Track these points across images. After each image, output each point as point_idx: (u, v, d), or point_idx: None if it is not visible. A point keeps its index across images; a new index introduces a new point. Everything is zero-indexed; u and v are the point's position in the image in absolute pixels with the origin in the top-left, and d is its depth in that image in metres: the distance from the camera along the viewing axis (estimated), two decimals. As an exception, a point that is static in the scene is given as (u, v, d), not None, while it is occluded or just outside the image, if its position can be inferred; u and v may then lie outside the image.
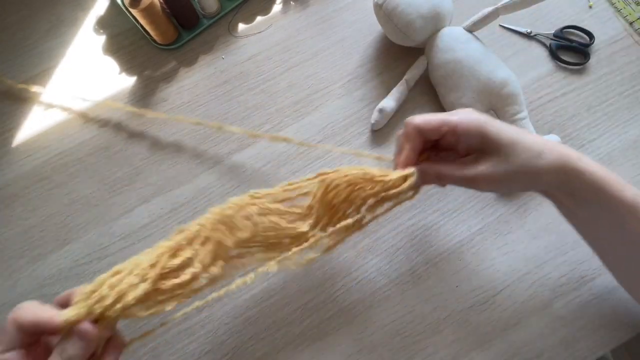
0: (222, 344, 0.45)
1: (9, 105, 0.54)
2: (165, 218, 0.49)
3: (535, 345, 0.43)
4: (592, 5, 0.56)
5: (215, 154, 0.52)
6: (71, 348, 0.28)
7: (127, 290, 0.30)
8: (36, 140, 0.53)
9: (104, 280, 0.30)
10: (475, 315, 0.45)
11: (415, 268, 0.46)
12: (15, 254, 0.48)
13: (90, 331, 0.28)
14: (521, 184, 0.35)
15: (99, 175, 0.51)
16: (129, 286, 0.30)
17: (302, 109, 0.53)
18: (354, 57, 0.55)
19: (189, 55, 0.56)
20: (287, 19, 0.57)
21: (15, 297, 0.47)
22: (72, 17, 0.58)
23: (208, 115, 0.53)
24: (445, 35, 0.49)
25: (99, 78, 0.55)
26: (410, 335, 0.44)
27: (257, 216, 0.36)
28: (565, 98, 0.52)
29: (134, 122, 0.53)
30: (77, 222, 0.49)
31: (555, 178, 0.34)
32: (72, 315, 0.28)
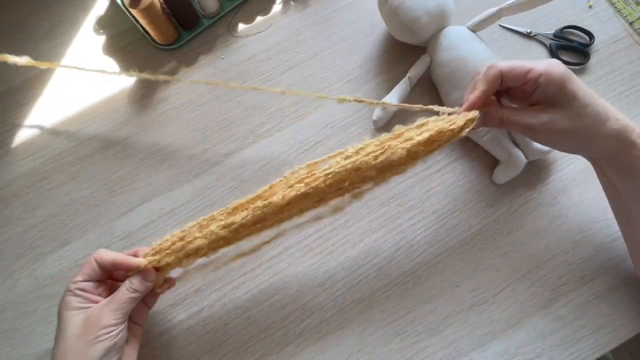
0: (222, 344, 0.45)
1: (9, 106, 0.54)
2: (165, 218, 0.49)
3: (535, 345, 0.43)
4: (592, 5, 0.56)
5: (215, 154, 0.52)
6: (137, 284, 0.37)
7: (186, 245, 0.38)
8: (36, 140, 0.53)
9: (168, 239, 0.39)
10: (475, 315, 0.45)
11: (415, 268, 0.46)
12: (15, 254, 0.48)
13: (153, 275, 0.38)
14: (578, 143, 0.38)
15: (99, 175, 0.51)
16: (187, 242, 0.38)
17: (302, 109, 0.53)
18: (354, 57, 0.55)
19: (189, 55, 0.56)
20: (287, 19, 0.57)
21: (15, 297, 0.47)
22: (72, 17, 0.58)
23: (208, 115, 0.53)
24: (449, 34, 0.49)
25: (99, 78, 0.55)
26: (410, 335, 0.44)
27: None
28: (565, 98, 0.52)
29: (134, 122, 0.53)
30: (77, 222, 0.49)
31: (610, 146, 0.36)
32: (144, 262, 0.38)
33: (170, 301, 0.46)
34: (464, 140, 0.51)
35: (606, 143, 0.36)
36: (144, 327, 0.42)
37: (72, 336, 0.34)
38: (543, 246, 0.47)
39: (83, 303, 0.36)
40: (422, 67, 0.51)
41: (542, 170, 0.49)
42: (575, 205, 0.48)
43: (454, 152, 0.51)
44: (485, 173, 0.50)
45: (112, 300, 0.36)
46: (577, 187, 0.49)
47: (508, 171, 0.47)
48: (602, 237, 0.47)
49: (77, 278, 0.37)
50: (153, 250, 0.39)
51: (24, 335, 0.46)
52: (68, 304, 0.36)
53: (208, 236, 0.38)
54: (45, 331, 0.46)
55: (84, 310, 0.36)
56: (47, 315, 0.46)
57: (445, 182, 0.49)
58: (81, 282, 0.37)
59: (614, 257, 0.46)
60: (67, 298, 0.36)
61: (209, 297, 0.46)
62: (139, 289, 0.37)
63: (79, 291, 0.36)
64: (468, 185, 0.49)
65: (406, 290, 0.46)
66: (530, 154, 0.47)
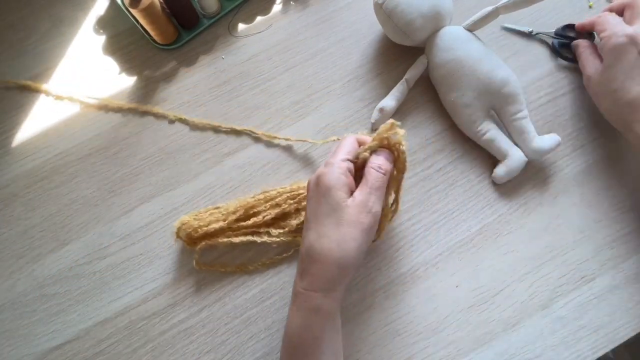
0: (222, 344, 0.45)
1: (9, 106, 0.54)
2: (165, 218, 0.49)
3: (535, 345, 0.43)
4: (592, 5, 0.56)
5: (215, 154, 0.52)
6: (384, 162, 0.37)
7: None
8: (36, 140, 0.53)
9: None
10: (475, 315, 0.45)
11: (415, 268, 0.46)
12: (15, 254, 0.48)
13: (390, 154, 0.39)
14: (616, 116, 0.46)
15: (99, 175, 0.51)
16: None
17: (302, 109, 0.53)
18: (353, 57, 0.55)
19: (189, 55, 0.56)
20: (287, 19, 0.57)
21: (15, 297, 0.47)
22: (72, 17, 0.58)
23: (208, 115, 0.53)
24: (445, 35, 0.49)
25: (99, 78, 0.55)
26: (410, 335, 0.44)
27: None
28: (565, 98, 0.52)
29: (134, 122, 0.53)
30: (77, 222, 0.49)
31: None
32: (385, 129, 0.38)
33: (170, 301, 0.46)
34: (464, 140, 0.51)
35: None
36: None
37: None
38: (543, 246, 0.47)
39: (348, 186, 0.36)
40: (419, 69, 0.51)
41: (542, 170, 0.49)
42: (575, 205, 0.48)
43: (454, 152, 0.51)
44: (485, 173, 0.50)
45: (372, 186, 0.36)
46: (577, 187, 0.49)
47: (508, 171, 0.47)
48: (602, 237, 0.47)
49: (343, 156, 0.37)
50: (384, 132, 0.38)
51: (24, 335, 0.46)
52: (341, 185, 0.35)
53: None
54: (45, 331, 0.46)
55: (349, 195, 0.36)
56: (47, 315, 0.46)
57: (445, 182, 0.49)
58: (349, 162, 0.37)
59: (614, 257, 0.46)
60: (339, 178, 0.35)
61: (209, 297, 0.46)
62: (388, 168, 0.37)
63: (349, 172, 0.36)
64: (468, 185, 0.49)
65: (406, 290, 0.46)
66: (530, 153, 0.47)
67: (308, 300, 0.35)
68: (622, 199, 0.48)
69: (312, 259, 0.35)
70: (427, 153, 0.51)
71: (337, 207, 0.34)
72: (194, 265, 0.46)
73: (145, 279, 0.47)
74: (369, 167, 0.37)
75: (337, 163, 0.36)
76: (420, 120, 0.52)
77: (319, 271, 0.35)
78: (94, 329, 0.46)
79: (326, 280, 0.35)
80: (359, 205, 0.34)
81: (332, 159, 0.37)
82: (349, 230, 0.34)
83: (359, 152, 0.38)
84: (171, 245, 0.48)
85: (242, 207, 0.46)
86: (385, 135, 0.38)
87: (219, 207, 0.48)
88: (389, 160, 0.38)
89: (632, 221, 0.47)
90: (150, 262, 0.48)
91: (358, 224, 0.34)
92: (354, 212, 0.34)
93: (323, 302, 0.35)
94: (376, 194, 0.35)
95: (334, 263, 0.34)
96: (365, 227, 0.34)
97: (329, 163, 0.37)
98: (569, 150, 0.50)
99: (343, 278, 0.36)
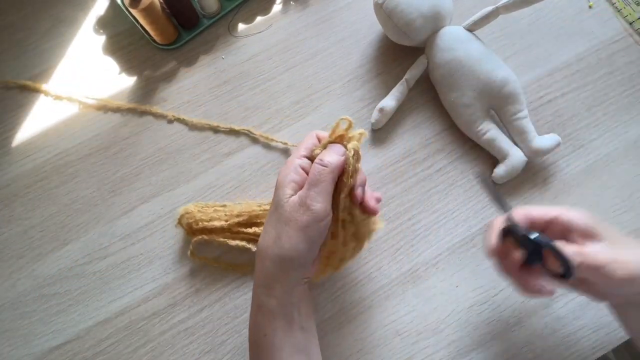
0: (222, 344, 0.45)
1: (9, 106, 0.54)
2: (165, 218, 0.49)
3: (535, 345, 0.43)
4: (592, 5, 0.56)
5: (215, 154, 0.52)
6: (329, 155, 0.35)
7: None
8: (36, 140, 0.53)
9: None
10: (475, 315, 0.45)
11: (415, 268, 0.46)
12: (15, 254, 0.48)
13: (342, 148, 0.36)
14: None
15: (99, 175, 0.51)
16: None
17: (302, 109, 0.53)
18: (353, 57, 0.55)
19: (189, 55, 0.56)
20: (287, 19, 0.57)
21: (15, 296, 0.47)
22: (72, 17, 0.58)
23: (208, 115, 0.53)
24: (445, 35, 0.49)
25: (99, 78, 0.55)
26: (410, 335, 0.44)
27: None
28: (565, 98, 0.52)
29: (134, 122, 0.53)
30: (77, 222, 0.49)
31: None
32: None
33: (170, 301, 0.46)
34: (464, 140, 0.51)
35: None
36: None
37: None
38: (543, 246, 0.47)
39: (297, 185, 0.34)
40: (419, 69, 0.51)
41: (542, 170, 0.49)
42: (576, 205, 0.48)
43: (454, 152, 0.51)
44: (485, 173, 0.50)
45: (311, 182, 0.34)
46: (577, 187, 0.49)
47: (508, 171, 0.47)
48: (602, 237, 0.47)
49: (300, 153, 0.36)
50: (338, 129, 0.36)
51: (24, 335, 0.46)
52: (287, 182, 0.34)
53: None
54: (45, 331, 0.46)
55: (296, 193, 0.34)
56: (47, 315, 0.46)
57: (445, 182, 0.49)
58: (304, 159, 0.35)
59: (614, 257, 0.46)
60: (288, 175, 0.34)
61: (209, 297, 0.46)
62: (333, 161, 0.34)
63: (301, 169, 0.35)
64: (468, 185, 0.49)
65: (406, 290, 0.46)
66: (530, 153, 0.47)
67: (254, 297, 0.36)
68: (622, 199, 0.48)
69: (257, 256, 0.36)
70: (427, 153, 0.51)
71: (279, 204, 0.34)
72: (188, 255, 0.47)
73: (145, 279, 0.47)
74: (314, 162, 0.35)
75: (291, 160, 0.36)
76: (420, 120, 0.52)
77: (259, 267, 0.35)
78: (94, 329, 0.46)
79: (264, 277, 0.35)
80: (297, 202, 0.33)
81: (290, 157, 0.37)
82: (285, 228, 0.33)
83: (313, 149, 0.37)
84: (171, 245, 0.48)
85: (247, 212, 0.46)
86: (339, 132, 0.36)
87: (225, 204, 0.48)
88: (338, 154, 0.35)
89: (632, 221, 0.47)
90: (150, 262, 0.48)
91: (294, 221, 0.33)
92: (291, 209, 0.33)
93: (264, 300, 0.35)
94: (315, 189, 0.33)
95: (270, 259, 0.34)
96: (301, 225, 0.33)
97: (287, 161, 0.36)
98: (569, 150, 0.50)
99: (281, 276, 0.34)
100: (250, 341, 0.36)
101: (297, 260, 0.34)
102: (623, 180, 0.49)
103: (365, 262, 0.47)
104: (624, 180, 0.49)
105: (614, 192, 0.48)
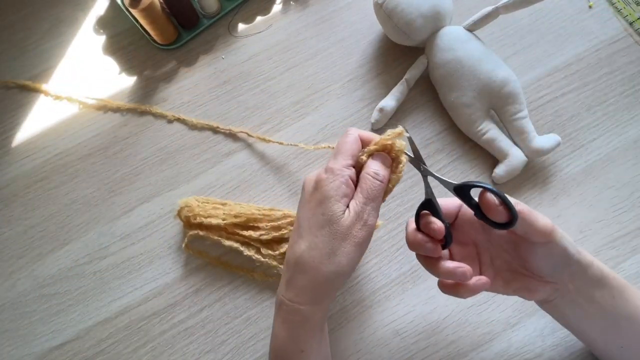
0: (222, 344, 0.45)
1: (9, 106, 0.54)
2: (165, 218, 0.49)
3: (535, 345, 0.43)
4: (592, 5, 0.56)
5: (215, 154, 0.52)
6: (381, 168, 0.34)
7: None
8: (36, 140, 0.53)
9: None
10: (475, 315, 0.45)
11: (415, 268, 0.46)
12: (15, 254, 0.48)
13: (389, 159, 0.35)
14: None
15: (99, 175, 0.51)
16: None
17: (302, 109, 0.53)
18: (354, 57, 0.55)
19: (189, 55, 0.56)
20: (287, 19, 0.57)
21: (15, 296, 0.47)
22: (72, 17, 0.58)
23: (208, 115, 0.53)
24: (445, 35, 0.49)
25: (99, 78, 0.55)
26: (410, 335, 0.44)
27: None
28: (565, 98, 0.52)
29: (134, 122, 0.53)
30: (77, 222, 0.49)
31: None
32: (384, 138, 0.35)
33: (171, 301, 0.46)
34: (464, 140, 0.51)
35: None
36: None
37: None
38: (543, 246, 0.47)
39: (348, 197, 0.33)
40: (419, 69, 0.51)
41: (542, 170, 0.49)
42: (575, 205, 0.48)
43: (454, 152, 0.51)
44: (485, 173, 0.50)
45: (368, 197, 0.33)
46: (577, 187, 0.49)
47: (508, 171, 0.47)
48: (602, 237, 0.47)
49: (347, 161, 0.34)
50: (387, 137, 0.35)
51: (24, 335, 0.46)
52: (340, 196, 0.33)
53: None
54: (45, 331, 0.46)
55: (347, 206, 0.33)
56: (47, 315, 0.46)
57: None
58: (352, 169, 0.34)
59: (614, 257, 0.46)
60: (340, 188, 0.33)
61: (209, 297, 0.46)
62: (385, 175, 0.34)
63: (350, 181, 0.33)
64: (468, 185, 0.49)
65: (406, 290, 0.46)
66: (530, 153, 0.47)
67: (293, 313, 0.34)
68: (622, 199, 0.48)
69: (300, 270, 0.33)
70: (427, 153, 0.51)
71: (332, 219, 0.32)
72: (182, 247, 0.47)
73: (145, 279, 0.47)
74: (364, 173, 0.33)
75: (339, 170, 0.33)
76: (420, 120, 0.52)
77: (308, 283, 0.33)
78: (94, 328, 0.46)
79: (315, 294, 0.33)
80: (354, 217, 0.32)
81: (333, 164, 0.34)
82: (342, 244, 0.32)
83: (359, 156, 0.35)
84: (171, 245, 0.48)
85: (246, 215, 0.46)
86: (390, 141, 0.34)
87: (226, 203, 0.48)
88: (386, 165, 0.34)
89: (632, 221, 0.47)
90: (150, 262, 0.48)
91: (352, 237, 0.32)
92: (349, 225, 0.32)
93: (310, 316, 0.33)
94: (372, 204, 0.33)
95: (324, 277, 0.32)
96: (359, 241, 0.32)
97: (329, 169, 0.33)
98: (569, 150, 0.50)
99: (332, 292, 0.34)
100: (278, 356, 0.35)
101: (349, 275, 0.34)
102: (623, 180, 0.49)
103: (365, 262, 0.47)
104: (624, 180, 0.49)
105: (614, 192, 0.48)
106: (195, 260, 0.47)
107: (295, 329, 0.34)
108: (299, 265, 0.33)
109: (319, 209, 0.33)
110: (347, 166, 0.34)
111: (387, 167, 0.34)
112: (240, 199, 0.50)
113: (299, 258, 0.33)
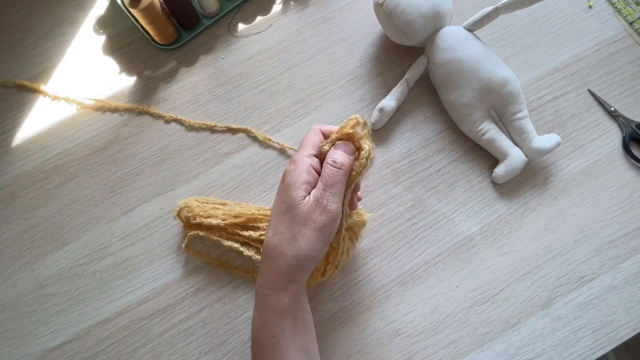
0: (222, 344, 0.45)
1: (9, 106, 0.54)
2: (165, 218, 0.49)
3: (535, 345, 0.43)
4: (592, 5, 0.56)
5: (215, 154, 0.52)
6: (341, 155, 0.35)
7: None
8: (36, 140, 0.53)
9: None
10: (475, 315, 0.45)
11: (415, 268, 0.46)
12: (15, 254, 0.48)
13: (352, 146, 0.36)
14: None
15: (99, 175, 0.51)
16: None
17: (302, 109, 0.53)
18: (354, 57, 0.55)
19: (189, 55, 0.56)
20: (287, 19, 0.57)
21: (15, 296, 0.47)
22: (72, 17, 0.58)
23: (208, 115, 0.53)
24: (445, 35, 0.49)
25: (99, 78, 0.55)
26: (410, 335, 0.44)
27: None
28: (565, 98, 0.52)
29: (134, 122, 0.53)
30: (77, 222, 0.49)
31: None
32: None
33: (170, 301, 0.46)
34: (464, 140, 0.51)
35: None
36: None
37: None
38: (543, 246, 0.47)
39: (310, 185, 0.35)
40: (419, 69, 0.51)
41: (542, 170, 0.49)
42: (575, 205, 0.48)
43: (454, 152, 0.51)
44: (485, 173, 0.50)
45: (327, 183, 0.34)
46: (577, 187, 0.49)
47: (508, 171, 0.47)
48: (602, 237, 0.47)
49: (308, 151, 0.36)
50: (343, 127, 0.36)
51: (24, 335, 0.46)
52: (300, 183, 0.34)
53: None
54: (45, 331, 0.46)
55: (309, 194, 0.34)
56: (47, 315, 0.46)
57: (445, 182, 0.49)
58: (314, 158, 0.36)
59: (614, 257, 0.46)
60: (300, 176, 0.34)
61: (209, 297, 0.46)
62: (345, 162, 0.35)
63: (312, 169, 0.35)
64: (468, 185, 0.49)
65: (406, 290, 0.46)
66: (530, 153, 0.47)
67: (263, 298, 0.35)
68: (622, 198, 0.48)
69: (268, 256, 0.35)
70: (427, 153, 0.51)
71: (292, 205, 0.34)
72: (182, 247, 0.47)
73: (146, 279, 0.47)
74: (325, 162, 0.35)
75: (300, 160, 0.35)
76: (420, 120, 0.52)
77: (272, 269, 0.35)
78: (94, 329, 0.46)
79: (278, 278, 0.35)
80: (314, 203, 0.34)
81: (296, 155, 0.36)
82: (302, 229, 0.34)
83: (321, 146, 0.37)
84: (171, 245, 0.48)
85: (245, 215, 0.46)
86: (348, 130, 0.36)
87: (226, 203, 0.48)
88: (347, 153, 0.36)
89: (632, 221, 0.47)
90: (150, 262, 0.48)
91: (311, 221, 0.34)
92: (308, 210, 0.34)
93: (277, 300, 0.35)
94: (331, 190, 0.34)
95: (285, 261, 0.34)
96: (319, 226, 0.34)
97: (292, 161, 0.36)
98: (569, 150, 0.50)
99: (296, 276, 0.35)
100: (255, 343, 0.36)
101: (314, 260, 0.35)
102: (623, 180, 0.49)
103: (365, 262, 0.47)
104: (624, 180, 0.49)
105: (614, 192, 0.48)
106: (195, 260, 0.47)
107: (265, 314, 0.35)
108: (266, 251, 0.36)
109: (282, 197, 0.35)
110: (308, 156, 0.36)
111: (350, 154, 0.36)
112: (240, 199, 0.50)
113: (266, 244, 0.36)
